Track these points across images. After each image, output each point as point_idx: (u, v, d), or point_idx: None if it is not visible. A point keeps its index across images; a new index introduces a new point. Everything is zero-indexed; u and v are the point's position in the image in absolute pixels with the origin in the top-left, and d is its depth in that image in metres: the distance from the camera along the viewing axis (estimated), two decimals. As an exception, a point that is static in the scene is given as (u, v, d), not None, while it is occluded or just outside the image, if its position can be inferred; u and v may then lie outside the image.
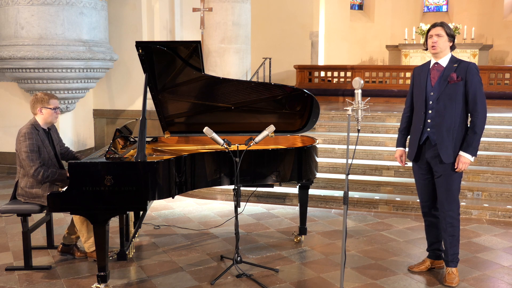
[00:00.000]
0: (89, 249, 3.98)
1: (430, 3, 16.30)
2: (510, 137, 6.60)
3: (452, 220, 3.57)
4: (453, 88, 3.45)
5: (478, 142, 3.47)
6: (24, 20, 6.37)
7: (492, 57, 13.98)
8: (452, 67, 3.48)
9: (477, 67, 3.47)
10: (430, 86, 3.54)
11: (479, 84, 3.44)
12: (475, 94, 3.42)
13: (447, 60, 3.53)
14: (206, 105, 4.37)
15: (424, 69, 3.64)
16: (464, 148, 3.46)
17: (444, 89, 3.47)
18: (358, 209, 5.61)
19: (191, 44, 3.85)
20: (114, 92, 7.90)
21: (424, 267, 3.85)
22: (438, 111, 3.49)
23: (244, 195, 5.53)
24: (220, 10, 7.26)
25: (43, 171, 3.73)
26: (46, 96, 3.89)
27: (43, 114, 3.88)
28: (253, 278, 3.70)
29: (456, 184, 3.56)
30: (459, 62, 3.49)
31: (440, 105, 3.48)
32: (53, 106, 3.90)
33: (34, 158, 3.73)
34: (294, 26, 12.45)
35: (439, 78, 3.51)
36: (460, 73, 3.44)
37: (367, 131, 7.06)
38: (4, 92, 7.41)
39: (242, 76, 7.50)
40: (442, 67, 3.52)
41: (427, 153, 3.59)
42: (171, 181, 3.48)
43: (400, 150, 3.85)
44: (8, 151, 7.50)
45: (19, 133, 3.80)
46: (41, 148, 3.82)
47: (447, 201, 3.55)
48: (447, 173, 3.52)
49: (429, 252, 3.87)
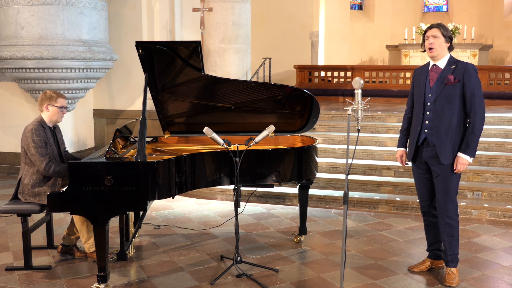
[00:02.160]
0: (89, 249, 3.98)
1: (430, 3, 16.30)
2: (510, 137, 6.60)
3: (450, 220, 3.57)
4: (450, 89, 3.44)
5: (477, 143, 3.47)
6: (24, 20, 6.37)
7: (492, 57, 13.98)
8: (450, 68, 3.48)
9: (475, 68, 3.46)
10: (428, 88, 3.54)
11: (477, 85, 3.43)
12: (473, 95, 3.41)
13: (445, 62, 3.52)
14: (206, 105, 4.37)
15: (423, 70, 3.64)
16: (463, 149, 3.46)
17: (441, 90, 3.47)
18: (358, 209, 5.61)
19: (191, 44, 3.85)
20: (114, 92, 7.90)
21: (424, 267, 3.85)
22: (436, 113, 3.49)
23: (244, 195, 5.53)
24: (220, 10, 7.26)
25: (54, 166, 3.75)
26: (55, 94, 3.91)
27: (49, 111, 3.90)
28: (253, 278, 3.70)
29: (454, 185, 3.56)
30: (457, 63, 3.48)
31: (438, 107, 3.48)
32: (60, 104, 3.91)
33: (44, 152, 3.75)
34: (294, 26, 12.45)
35: (437, 80, 3.51)
36: (458, 74, 3.43)
37: (367, 131, 7.06)
38: (4, 92, 7.41)
39: (242, 76, 7.50)
40: (440, 69, 3.52)
41: (425, 154, 3.59)
42: (171, 181, 3.48)
43: (401, 151, 3.86)
44: (8, 151, 7.50)
45: (26, 130, 3.82)
46: (47, 145, 3.84)
47: (444, 202, 3.56)
48: (446, 174, 3.52)
49: (429, 252, 3.88)
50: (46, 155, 3.76)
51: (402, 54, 13.34)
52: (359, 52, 15.14)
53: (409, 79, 9.80)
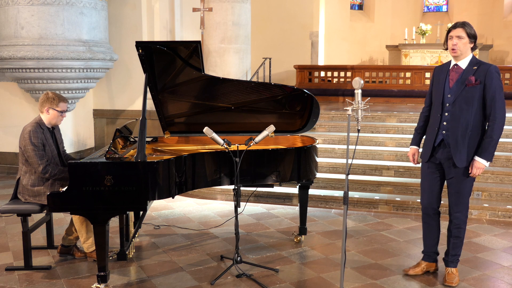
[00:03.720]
0: (88, 249, 3.98)
1: (430, 3, 16.31)
2: (510, 137, 6.60)
3: (459, 222, 3.54)
4: (470, 91, 3.36)
5: (495, 148, 3.39)
6: (24, 20, 6.37)
7: (492, 57, 13.98)
8: (472, 69, 3.38)
9: (498, 70, 3.36)
10: (448, 88, 3.45)
11: (498, 88, 3.33)
12: (493, 98, 3.33)
13: (467, 62, 3.43)
14: (206, 105, 4.37)
15: (443, 69, 3.54)
16: (480, 153, 3.38)
17: (461, 92, 3.39)
18: (358, 209, 5.61)
19: (191, 44, 3.85)
20: (114, 92, 7.90)
21: (420, 269, 3.78)
22: (454, 114, 3.41)
23: (244, 195, 5.53)
24: (220, 10, 7.26)
25: (51, 170, 3.75)
26: (57, 98, 3.88)
27: (49, 114, 3.89)
28: (253, 278, 3.70)
29: (468, 188, 3.51)
30: (479, 65, 3.38)
31: (456, 108, 3.40)
32: (60, 109, 3.90)
33: (41, 155, 3.74)
34: (294, 26, 12.45)
35: (457, 81, 3.42)
36: (479, 76, 3.35)
37: (367, 131, 7.06)
38: (4, 92, 7.41)
39: (242, 76, 7.50)
40: (461, 69, 3.43)
41: (441, 155, 3.52)
42: (171, 181, 3.48)
43: (414, 149, 3.77)
44: (8, 151, 7.50)
45: (24, 131, 3.80)
46: (46, 147, 3.83)
47: (456, 204, 3.52)
48: (460, 177, 3.47)
49: (425, 254, 3.82)
50: (44, 158, 3.75)
51: (402, 54, 13.34)
52: (359, 52, 15.15)
53: (409, 79, 9.80)
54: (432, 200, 3.67)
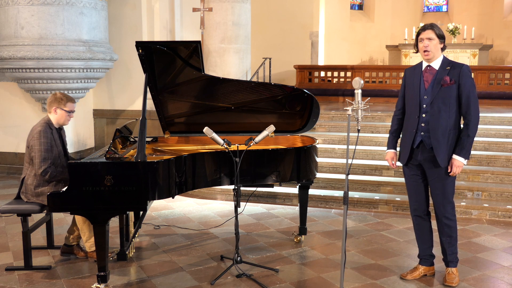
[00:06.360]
0: (90, 248, 3.98)
1: (430, 3, 16.30)
2: (510, 137, 6.60)
3: (449, 221, 3.56)
4: (446, 91, 3.41)
5: (471, 145, 3.45)
6: (24, 20, 6.37)
7: (492, 57, 13.98)
8: (445, 70, 3.44)
9: (469, 69, 3.44)
10: (423, 90, 3.49)
11: (472, 86, 3.41)
12: (468, 97, 3.39)
13: (439, 63, 3.48)
14: (206, 105, 4.37)
15: (416, 71, 3.58)
16: (458, 151, 3.43)
17: (438, 92, 3.43)
18: (358, 209, 5.61)
19: (191, 44, 3.85)
20: (114, 92, 7.90)
21: (417, 274, 3.75)
22: (433, 115, 3.45)
23: (244, 195, 5.53)
24: (220, 10, 7.26)
25: (50, 172, 3.75)
26: (65, 98, 3.90)
27: (57, 114, 3.90)
28: (253, 278, 3.70)
29: (451, 187, 3.54)
30: (451, 65, 3.45)
31: (435, 109, 3.44)
32: (68, 109, 3.92)
33: (46, 157, 3.75)
34: (294, 26, 12.45)
35: (432, 81, 3.46)
36: (454, 76, 3.41)
37: (367, 131, 7.06)
38: (4, 92, 7.41)
39: (242, 76, 7.50)
40: (435, 70, 3.48)
41: (420, 157, 3.54)
42: (171, 181, 3.48)
43: (392, 152, 3.76)
44: (8, 151, 7.50)
45: (33, 130, 3.82)
46: (53, 147, 3.84)
47: (443, 204, 3.54)
48: (442, 176, 3.50)
49: (421, 259, 3.80)
50: (48, 160, 3.75)
51: (402, 54, 13.34)
52: (359, 52, 15.14)
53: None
54: (421, 201, 3.68)
